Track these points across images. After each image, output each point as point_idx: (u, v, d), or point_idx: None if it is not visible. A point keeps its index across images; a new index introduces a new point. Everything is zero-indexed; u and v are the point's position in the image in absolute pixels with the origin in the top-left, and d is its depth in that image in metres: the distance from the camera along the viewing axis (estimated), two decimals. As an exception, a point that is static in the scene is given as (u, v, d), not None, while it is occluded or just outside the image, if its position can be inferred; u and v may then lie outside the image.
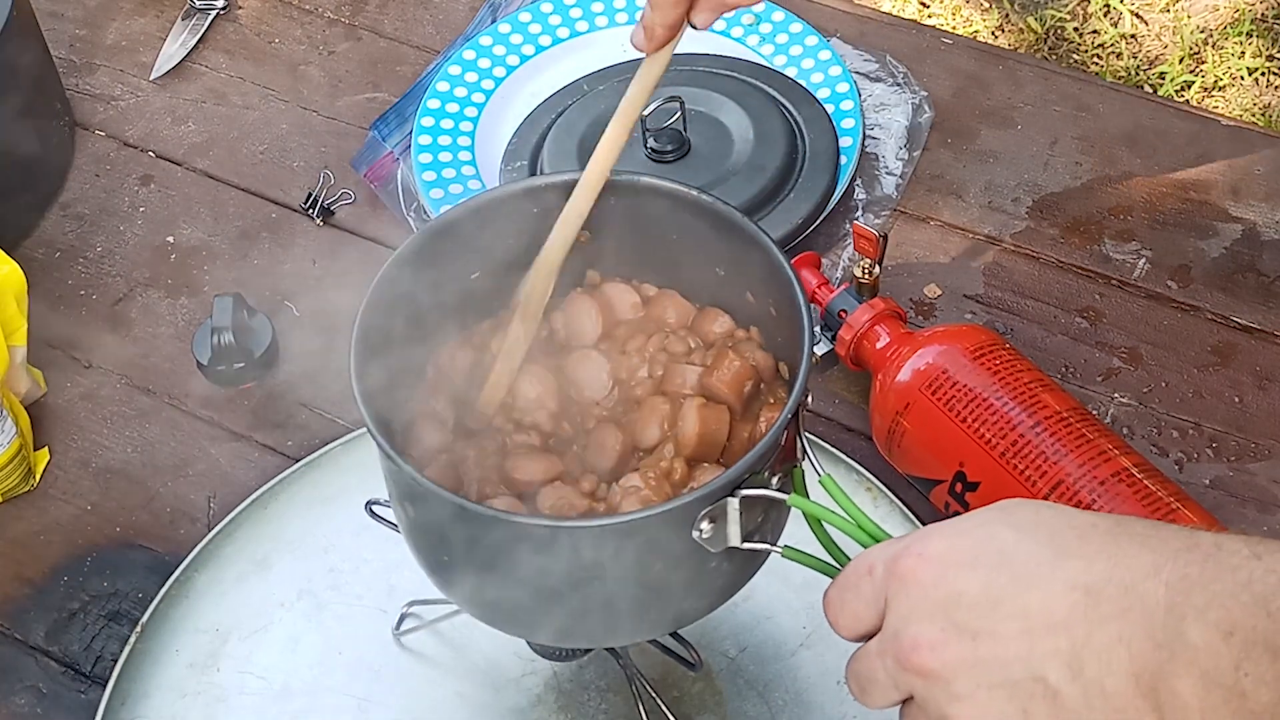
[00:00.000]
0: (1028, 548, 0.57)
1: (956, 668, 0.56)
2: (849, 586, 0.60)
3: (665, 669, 0.85)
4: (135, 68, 1.23)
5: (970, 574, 0.57)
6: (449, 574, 0.70)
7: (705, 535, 0.63)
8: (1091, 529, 0.57)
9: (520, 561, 0.65)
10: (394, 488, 0.70)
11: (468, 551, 0.67)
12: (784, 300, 0.70)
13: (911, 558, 0.58)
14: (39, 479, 0.98)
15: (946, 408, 0.89)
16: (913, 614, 0.57)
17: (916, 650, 0.57)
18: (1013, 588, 0.56)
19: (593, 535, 0.64)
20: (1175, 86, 2.02)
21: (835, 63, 1.15)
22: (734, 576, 0.70)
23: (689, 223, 0.74)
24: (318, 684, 0.86)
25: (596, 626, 0.70)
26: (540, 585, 0.66)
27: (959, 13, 2.14)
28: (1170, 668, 0.52)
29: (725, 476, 0.63)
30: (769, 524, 0.68)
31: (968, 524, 0.59)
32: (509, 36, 1.19)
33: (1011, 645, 0.55)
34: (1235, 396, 0.99)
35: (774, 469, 0.65)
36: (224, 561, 0.91)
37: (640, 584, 0.66)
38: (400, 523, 0.72)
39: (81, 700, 0.89)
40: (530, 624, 0.71)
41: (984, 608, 0.56)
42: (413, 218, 1.10)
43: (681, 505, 0.63)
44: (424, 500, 0.66)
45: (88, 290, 1.09)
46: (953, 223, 1.09)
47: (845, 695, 0.84)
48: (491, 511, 0.64)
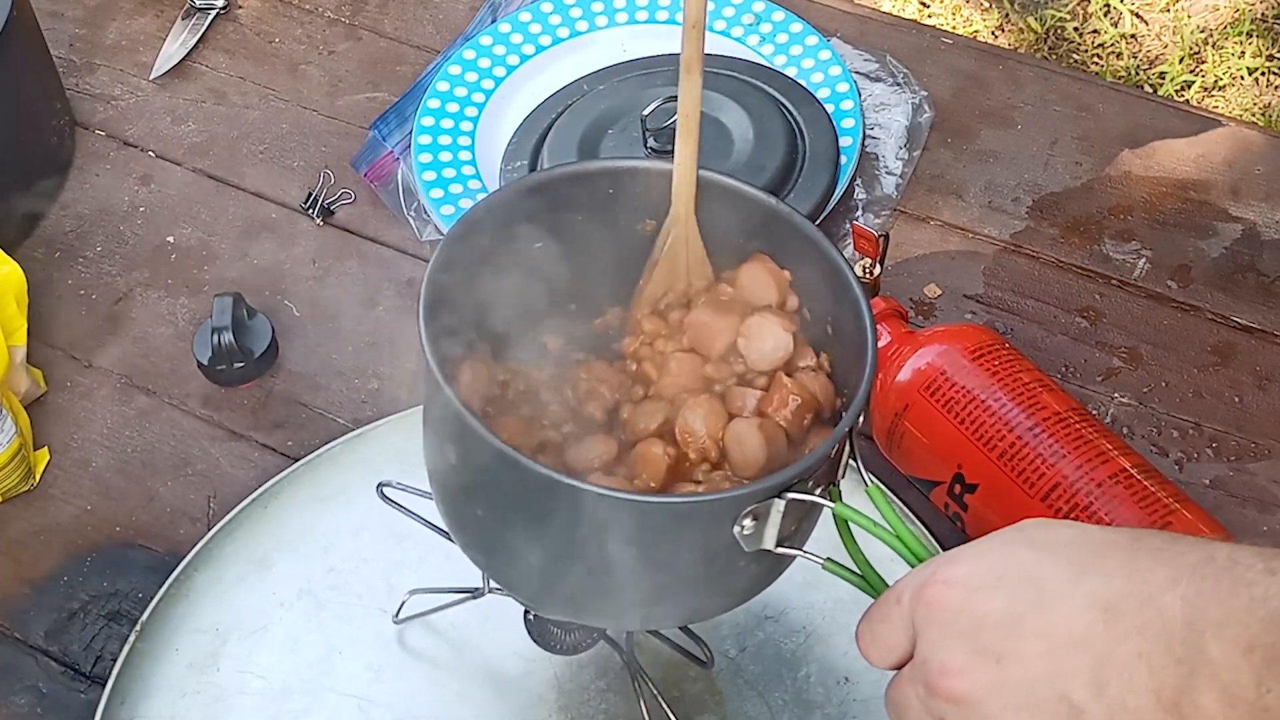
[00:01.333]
0: (1047, 567, 0.57)
1: (984, 691, 0.57)
2: (880, 619, 0.61)
3: (666, 668, 0.85)
4: (135, 67, 1.23)
5: (992, 597, 0.57)
6: (478, 530, 0.70)
7: (746, 532, 0.64)
8: (1110, 546, 0.57)
9: (555, 526, 0.65)
10: (439, 431, 0.69)
11: (504, 509, 0.67)
12: (847, 318, 0.70)
13: (937, 584, 0.58)
14: (39, 479, 0.98)
15: (946, 408, 0.89)
16: (940, 640, 0.58)
17: (944, 676, 0.57)
18: (1034, 608, 0.56)
19: (638, 511, 0.64)
20: (1175, 86, 2.02)
21: (835, 63, 1.15)
22: (755, 581, 0.70)
23: (754, 230, 0.74)
24: (318, 684, 0.86)
25: (614, 606, 0.70)
26: (571, 554, 0.66)
27: (959, 13, 2.14)
28: (1191, 682, 0.53)
29: (777, 478, 0.63)
30: (800, 534, 0.68)
31: (989, 545, 0.59)
32: (509, 36, 1.19)
33: (1035, 666, 0.56)
34: (1235, 396, 0.99)
35: (819, 480, 0.65)
36: (224, 561, 0.91)
37: (669, 570, 0.66)
38: (433, 474, 0.71)
39: (81, 700, 0.89)
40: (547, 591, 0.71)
41: (1007, 630, 0.56)
42: (413, 218, 1.10)
43: (731, 497, 0.63)
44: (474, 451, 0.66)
45: (88, 290, 1.09)
46: (953, 223, 1.10)
47: (846, 695, 0.84)
48: (543, 470, 0.63)
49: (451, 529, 0.72)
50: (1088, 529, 0.59)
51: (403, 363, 1.03)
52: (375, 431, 0.96)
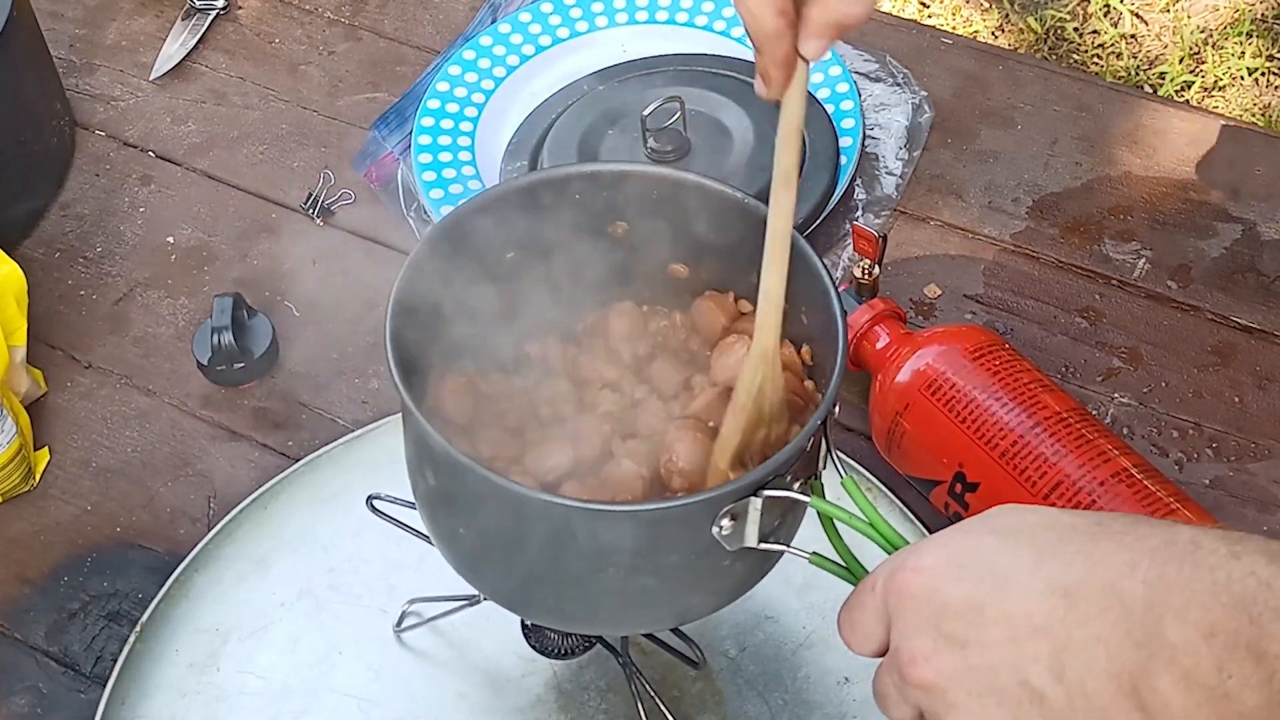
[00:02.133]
0: (1009, 553, 0.57)
1: (950, 678, 0.57)
2: (856, 606, 0.61)
3: (665, 669, 0.85)
4: (135, 68, 1.23)
5: (956, 584, 0.57)
6: (461, 547, 0.71)
7: (725, 532, 0.64)
8: (1071, 530, 0.57)
9: (536, 540, 0.65)
10: (417, 453, 0.70)
11: (484, 526, 0.67)
12: (819, 308, 0.70)
13: (907, 572, 0.59)
14: (39, 479, 0.98)
15: (946, 408, 0.89)
16: (910, 628, 0.58)
17: (913, 664, 0.58)
18: (995, 595, 0.56)
19: (614, 520, 0.64)
20: (1175, 86, 2.02)
21: (835, 63, 1.15)
22: (743, 578, 0.71)
23: (729, 223, 0.74)
24: (318, 684, 0.86)
25: (601, 613, 0.71)
26: (553, 566, 0.67)
27: (959, 13, 2.14)
28: (1150, 666, 0.53)
29: (750, 476, 0.63)
30: (784, 528, 0.68)
31: (955, 534, 0.60)
32: (509, 36, 1.19)
33: (997, 652, 0.56)
34: (1235, 396, 0.99)
35: (797, 474, 0.65)
36: (224, 561, 0.91)
37: (653, 575, 0.67)
38: (416, 492, 0.72)
39: (81, 700, 0.89)
40: (535, 604, 0.72)
41: (969, 617, 0.57)
42: (413, 218, 1.10)
43: (705, 500, 0.63)
44: (448, 470, 0.66)
45: (88, 290, 1.09)
46: (953, 223, 1.10)
47: (845, 695, 0.84)
48: (517, 487, 0.64)
49: (437, 545, 0.73)
50: (1055, 514, 0.59)
51: (403, 363, 1.03)
52: (375, 432, 0.96)
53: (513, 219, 0.74)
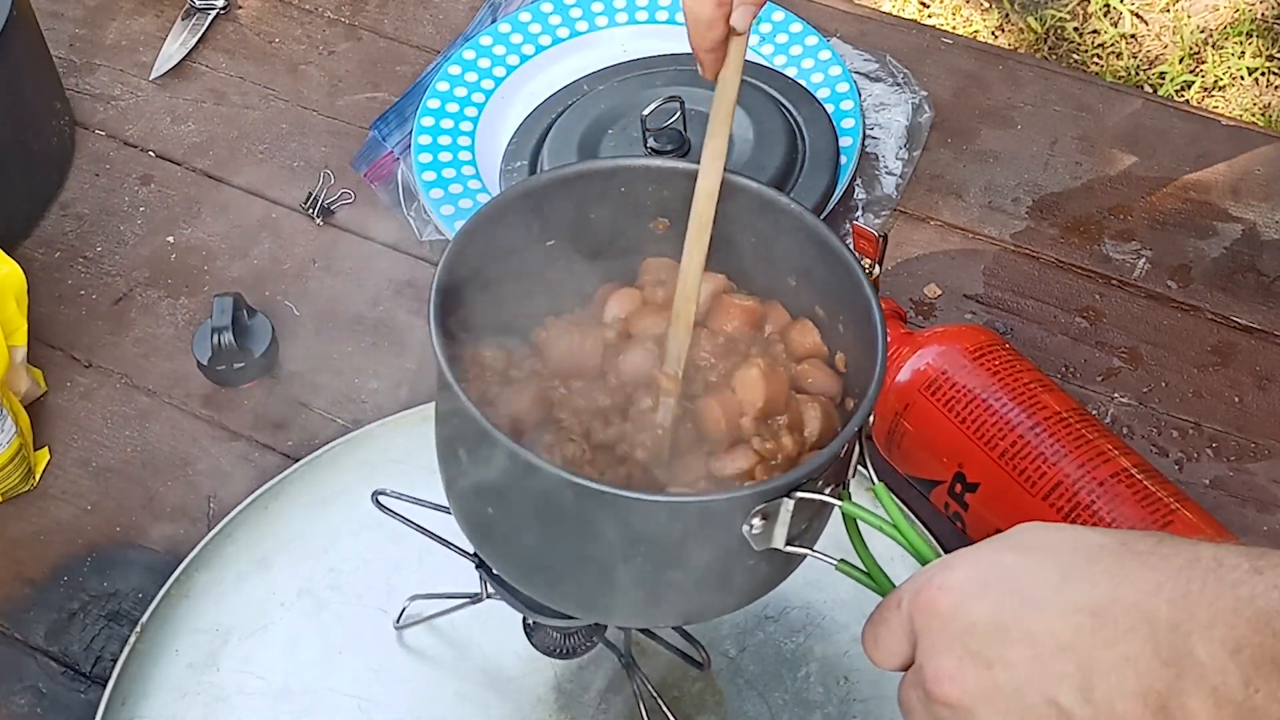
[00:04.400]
0: (1034, 573, 0.57)
1: (976, 697, 0.57)
2: (881, 622, 0.62)
3: (665, 669, 0.85)
4: (135, 67, 1.23)
5: (981, 603, 0.58)
6: (489, 528, 0.70)
7: (755, 531, 0.64)
8: (1098, 550, 0.57)
9: (568, 525, 0.65)
10: (451, 433, 0.69)
11: (515, 509, 0.67)
12: (859, 319, 0.70)
13: (932, 590, 0.59)
14: (39, 479, 0.98)
15: (946, 408, 0.89)
16: (934, 646, 0.59)
17: (938, 682, 0.58)
18: (1020, 614, 0.57)
19: (647, 510, 0.64)
20: (1175, 86, 2.02)
21: (835, 63, 1.15)
22: (763, 581, 0.71)
23: (765, 227, 0.74)
24: (318, 684, 0.86)
25: (622, 604, 0.70)
26: (582, 553, 0.67)
27: (959, 13, 2.14)
28: (1179, 685, 0.53)
29: (786, 477, 0.64)
30: (810, 533, 0.68)
31: (981, 551, 0.60)
32: (509, 36, 1.19)
33: (1023, 671, 0.56)
34: (1235, 396, 0.99)
35: (829, 480, 0.66)
36: (224, 561, 0.91)
37: (679, 568, 0.67)
38: (444, 471, 0.72)
39: (81, 700, 0.89)
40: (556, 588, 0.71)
41: (995, 635, 0.57)
42: (413, 218, 1.10)
43: (741, 496, 0.63)
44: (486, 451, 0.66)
45: (88, 290, 1.09)
46: (953, 223, 1.10)
47: (845, 695, 0.84)
48: (558, 471, 0.63)
49: (461, 526, 0.72)
50: (1080, 532, 0.59)
51: (402, 363, 1.03)
52: (375, 432, 0.96)
53: (557, 207, 0.74)
